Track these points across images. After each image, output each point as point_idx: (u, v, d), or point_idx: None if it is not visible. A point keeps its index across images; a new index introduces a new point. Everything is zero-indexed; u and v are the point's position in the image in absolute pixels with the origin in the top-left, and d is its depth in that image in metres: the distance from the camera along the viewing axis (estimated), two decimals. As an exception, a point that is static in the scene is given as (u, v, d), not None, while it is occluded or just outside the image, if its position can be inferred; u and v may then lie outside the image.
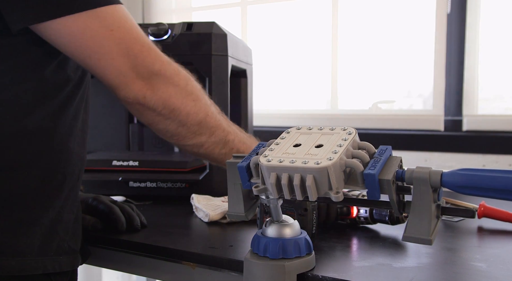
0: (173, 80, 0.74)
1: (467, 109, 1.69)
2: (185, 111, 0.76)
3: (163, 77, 0.73)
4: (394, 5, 1.82)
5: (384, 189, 0.55)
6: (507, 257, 0.72)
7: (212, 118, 0.80)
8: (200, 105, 0.77)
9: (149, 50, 0.72)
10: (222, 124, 0.82)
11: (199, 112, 0.77)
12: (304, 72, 1.99)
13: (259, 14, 2.06)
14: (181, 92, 0.75)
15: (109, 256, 0.86)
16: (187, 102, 0.76)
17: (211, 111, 0.80)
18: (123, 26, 0.69)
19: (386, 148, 0.59)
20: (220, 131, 0.81)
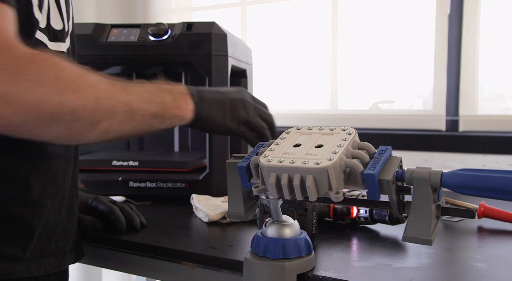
0: (38, 80, 0.55)
1: (463, 110, 1.69)
2: (67, 110, 0.57)
3: (23, 82, 0.54)
4: (394, 5, 1.82)
5: (384, 189, 0.55)
6: (507, 257, 0.72)
7: (106, 98, 0.62)
8: (82, 94, 0.59)
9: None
10: (120, 96, 0.64)
11: (87, 101, 0.59)
12: (304, 72, 1.99)
13: (259, 14, 2.06)
14: (54, 90, 0.56)
15: (109, 256, 0.86)
16: (65, 99, 0.57)
17: (100, 90, 0.62)
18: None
19: (386, 148, 0.59)
20: (121, 106, 0.64)
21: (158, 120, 0.69)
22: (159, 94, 0.69)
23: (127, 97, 0.65)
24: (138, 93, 0.67)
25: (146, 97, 0.67)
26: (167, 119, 0.69)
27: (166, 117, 0.69)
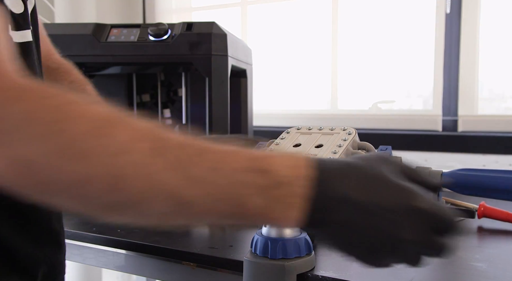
0: (24, 130, 0.36)
1: (463, 110, 1.69)
2: (68, 181, 0.37)
3: (4, 133, 0.36)
4: (394, 5, 1.82)
5: None
6: (507, 257, 0.72)
7: (134, 177, 0.37)
8: (91, 163, 0.37)
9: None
10: (164, 178, 0.38)
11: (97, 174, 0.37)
12: (304, 72, 1.99)
13: (259, 14, 2.06)
14: (47, 149, 0.36)
15: (109, 256, 0.86)
16: (64, 166, 0.36)
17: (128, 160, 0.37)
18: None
19: (386, 148, 0.59)
20: (160, 194, 0.39)
21: (231, 221, 0.43)
22: (239, 188, 0.40)
23: (173, 183, 0.38)
24: (197, 179, 0.39)
25: (212, 189, 0.39)
26: (247, 221, 0.43)
27: (244, 220, 0.43)
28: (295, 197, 0.40)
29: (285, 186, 0.40)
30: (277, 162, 0.41)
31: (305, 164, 0.42)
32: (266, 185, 0.40)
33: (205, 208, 0.40)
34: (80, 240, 0.87)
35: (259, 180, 0.40)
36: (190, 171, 0.38)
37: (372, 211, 0.42)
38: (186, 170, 0.38)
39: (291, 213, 0.41)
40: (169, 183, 0.38)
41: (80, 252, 0.87)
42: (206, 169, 0.39)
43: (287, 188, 0.40)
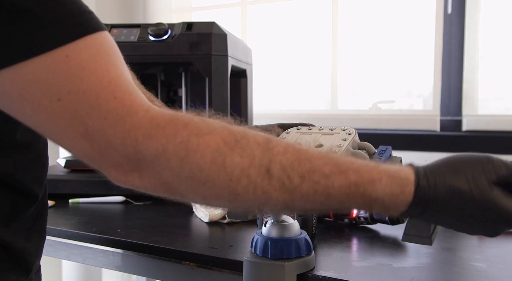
0: (160, 162, 0.46)
1: (464, 110, 1.69)
2: (199, 196, 0.49)
3: (144, 161, 0.47)
4: (394, 5, 1.82)
5: None
6: (507, 257, 0.72)
7: (248, 194, 0.47)
8: (216, 188, 0.47)
9: (115, 122, 0.45)
10: (287, 202, 0.48)
11: (221, 195, 0.47)
12: (304, 72, 1.99)
13: (259, 14, 2.06)
14: (180, 178, 0.47)
15: (109, 256, 0.86)
16: (194, 188, 0.47)
17: (240, 185, 0.47)
18: (78, 86, 0.45)
19: (386, 148, 0.60)
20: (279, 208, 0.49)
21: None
22: (345, 204, 0.49)
23: (284, 199, 0.47)
24: (305, 196, 0.47)
25: (319, 202, 0.48)
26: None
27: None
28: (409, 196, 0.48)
29: (383, 203, 0.48)
30: (379, 190, 0.47)
31: (408, 191, 0.48)
32: (368, 205, 0.48)
33: (314, 210, 0.52)
34: (80, 240, 0.87)
35: (362, 202, 0.48)
36: (299, 191, 0.47)
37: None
38: (295, 190, 0.47)
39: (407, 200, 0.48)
40: (282, 199, 0.47)
41: (80, 252, 0.87)
42: (313, 191, 0.47)
43: (386, 205, 0.48)
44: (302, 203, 0.47)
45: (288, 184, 0.46)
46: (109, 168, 0.48)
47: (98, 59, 0.46)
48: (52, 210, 1.04)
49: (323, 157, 0.48)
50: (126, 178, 0.48)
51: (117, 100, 0.46)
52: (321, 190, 0.47)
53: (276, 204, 0.47)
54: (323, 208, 0.49)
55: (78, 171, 1.18)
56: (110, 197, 1.10)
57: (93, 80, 0.45)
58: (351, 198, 0.47)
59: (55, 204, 1.07)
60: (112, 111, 0.45)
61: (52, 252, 0.90)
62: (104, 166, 0.48)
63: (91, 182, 1.13)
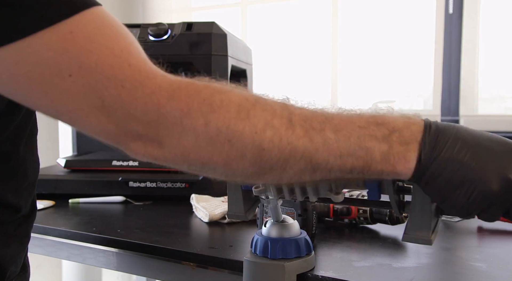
0: (183, 124, 0.45)
1: (464, 110, 1.69)
2: (220, 162, 0.47)
3: (166, 126, 0.45)
4: (394, 5, 1.82)
5: (384, 189, 0.55)
6: (507, 257, 0.72)
7: (273, 149, 0.46)
8: (241, 144, 0.45)
9: (134, 88, 0.44)
10: (297, 145, 0.47)
11: (246, 152, 0.46)
12: (304, 72, 1.99)
13: (259, 14, 2.06)
14: (203, 139, 0.45)
15: (109, 256, 0.86)
16: (219, 149, 0.46)
17: (266, 138, 0.46)
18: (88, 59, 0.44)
19: None
20: (295, 158, 0.47)
21: (354, 175, 0.49)
22: (365, 143, 0.47)
23: (309, 148, 0.46)
24: (328, 141, 0.47)
25: (341, 148, 0.47)
26: (369, 174, 0.49)
27: (368, 173, 0.48)
28: (408, 140, 0.47)
29: (401, 131, 0.47)
30: (392, 116, 0.49)
31: (415, 116, 0.49)
32: (386, 133, 0.47)
33: (336, 166, 0.47)
34: (80, 240, 0.87)
35: (380, 131, 0.47)
36: (322, 135, 0.47)
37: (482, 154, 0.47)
38: (318, 134, 0.47)
39: (409, 154, 0.47)
40: (306, 148, 0.46)
41: (80, 252, 0.87)
42: (335, 131, 0.47)
43: (403, 132, 0.47)
44: (326, 152, 0.46)
45: (310, 131, 0.47)
46: (127, 141, 0.47)
47: (104, 30, 0.45)
48: (52, 210, 1.04)
49: (336, 110, 0.51)
50: (146, 149, 0.46)
51: (132, 67, 0.45)
52: (342, 129, 0.47)
53: (301, 157, 0.46)
54: (345, 159, 0.47)
55: (78, 171, 1.19)
56: (110, 197, 1.10)
57: (103, 51, 0.44)
58: (372, 130, 0.47)
59: (55, 204, 1.07)
60: (129, 78, 0.44)
61: (52, 252, 0.90)
62: (122, 138, 0.47)
63: (91, 182, 1.13)
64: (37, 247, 0.91)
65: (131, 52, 0.46)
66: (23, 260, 0.67)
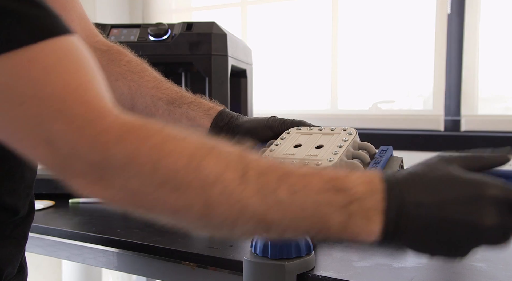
0: (129, 169, 0.43)
1: (464, 110, 1.69)
2: (167, 210, 0.45)
3: (111, 168, 0.43)
4: (394, 5, 1.82)
5: None
6: (507, 257, 0.72)
7: (223, 205, 0.43)
8: (189, 195, 0.43)
9: (82, 127, 0.42)
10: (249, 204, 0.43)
11: (193, 204, 0.43)
12: (304, 72, 1.99)
13: (259, 14, 2.06)
14: (149, 186, 0.43)
15: (109, 256, 0.86)
16: (165, 197, 0.43)
17: (217, 191, 0.43)
18: (42, 90, 0.42)
19: (387, 148, 0.59)
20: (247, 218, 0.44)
21: (310, 236, 0.48)
22: (322, 209, 0.44)
23: (260, 208, 0.43)
24: (281, 203, 0.43)
25: (295, 212, 0.43)
26: (326, 238, 0.46)
27: (325, 237, 0.46)
28: (373, 210, 0.43)
29: (362, 201, 0.43)
30: (353, 179, 0.44)
31: (377, 178, 0.45)
32: (345, 202, 0.43)
33: (289, 227, 0.44)
34: (80, 240, 0.87)
35: (338, 198, 0.43)
36: (276, 196, 0.43)
37: (448, 209, 0.44)
38: (272, 194, 0.43)
39: (371, 226, 0.44)
40: (257, 208, 0.43)
41: (80, 252, 0.87)
42: (290, 192, 0.43)
43: (365, 202, 0.43)
44: (278, 214, 0.43)
45: (264, 189, 0.43)
46: (72, 177, 0.45)
47: (66, 63, 0.44)
48: (52, 210, 1.04)
49: (296, 164, 0.46)
50: (91, 188, 0.44)
51: (85, 105, 0.43)
52: (298, 191, 0.43)
53: (251, 216, 0.43)
54: (299, 222, 0.44)
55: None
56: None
57: (59, 84, 0.42)
58: (330, 197, 0.43)
59: (55, 204, 1.07)
60: (80, 115, 0.42)
61: (52, 252, 0.90)
62: (67, 174, 0.45)
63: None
64: (37, 247, 0.91)
65: (88, 89, 0.44)
66: (20, 261, 0.67)
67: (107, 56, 0.78)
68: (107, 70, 0.75)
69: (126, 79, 0.76)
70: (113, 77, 0.76)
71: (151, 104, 0.74)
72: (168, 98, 0.74)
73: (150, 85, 0.75)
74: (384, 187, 0.44)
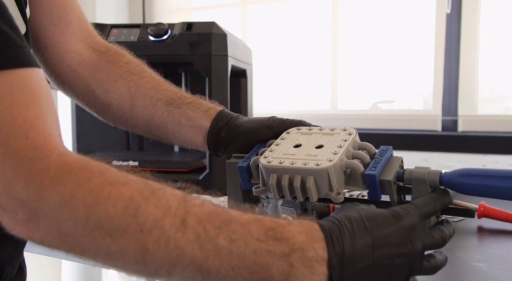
0: (62, 211, 0.41)
1: (463, 110, 1.69)
2: (100, 254, 0.43)
3: (44, 209, 0.42)
4: (394, 5, 1.82)
5: (385, 190, 0.55)
6: (507, 257, 0.72)
7: (159, 252, 0.42)
8: (124, 240, 0.42)
9: (20, 164, 0.41)
10: (187, 252, 0.43)
11: (128, 249, 0.42)
12: (304, 72, 1.99)
13: (259, 14, 2.06)
14: (83, 229, 0.42)
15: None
16: (98, 241, 0.42)
17: (154, 238, 0.42)
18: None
19: (387, 148, 0.59)
20: (184, 267, 0.43)
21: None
22: (262, 258, 0.43)
23: (198, 255, 0.43)
24: (221, 251, 0.43)
25: (234, 260, 0.43)
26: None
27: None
28: (315, 261, 0.44)
29: (303, 251, 0.44)
30: (292, 229, 0.45)
31: (315, 226, 0.46)
32: (287, 251, 0.44)
33: (228, 276, 0.43)
34: (80, 240, 0.87)
35: (279, 248, 0.44)
36: (215, 243, 0.43)
37: (382, 246, 0.46)
38: (211, 242, 0.43)
39: (315, 277, 0.44)
40: (196, 255, 0.42)
41: (80, 252, 0.87)
42: (229, 240, 0.43)
43: (305, 252, 0.44)
44: (217, 262, 0.43)
45: (203, 236, 0.42)
46: (1, 214, 0.43)
47: (17, 96, 0.42)
48: (52, 210, 1.03)
49: (240, 210, 0.46)
50: (20, 228, 0.43)
51: (28, 141, 0.41)
52: (238, 239, 0.43)
53: (189, 263, 0.42)
54: (239, 271, 0.43)
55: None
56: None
57: (5, 117, 0.41)
58: (270, 246, 0.44)
59: (55, 204, 1.06)
60: (20, 152, 0.41)
61: (52, 252, 0.90)
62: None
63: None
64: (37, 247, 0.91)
65: (35, 125, 0.42)
66: (19, 261, 0.67)
67: (105, 57, 0.78)
68: (105, 72, 0.76)
69: (125, 80, 0.75)
70: (112, 78, 0.76)
71: (150, 105, 0.74)
72: (168, 99, 0.74)
73: (149, 86, 0.75)
74: (324, 236, 0.45)
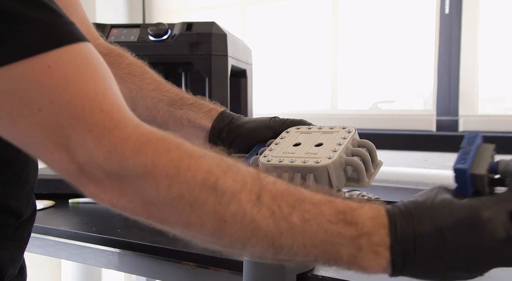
0: (145, 180, 0.43)
1: (464, 110, 1.69)
2: (179, 223, 0.45)
3: (127, 178, 0.44)
4: (394, 5, 1.82)
5: (477, 184, 0.48)
6: (507, 256, 0.72)
7: (236, 225, 0.44)
8: (203, 212, 0.44)
9: (100, 135, 0.43)
10: (262, 226, 0.44)
11: (207, 220, 0.44)
12: (304, 72, 1.99)
13: (259, 14, 2.06)
14: (164, 198, 0.44)
15: (109, 256, 0.86)
16: (179, 211, 0.44)
17: (232, 212, 0.44)
18: (61, 97, 0.42)
19: (475, 135, 0.53)
20: (257, 239, 0.45)
21: (319, 263, 0.49)
22: (332, 239, 0.44)
23: (272, 231, 0.44)
24: (294, 229, 0.44)
25: (306, 238, 0.44)
26: (335, 266, 0.47)
27: (334, 265, 0.46)
28: (380, 246, 0.44)
29: (370, 236, 0.44)
30: (362, 213, 0.45)
31: (383, 212, 0.46)
32: (355, 235, 0.44)
33: (300, 253, 0.45)
34: (80, 240, 0.87)
35: (349, 231, 0.44)
36: (289, 221, 0.44)
37: (448, 236, 0.44)
38: (285, 219, 0.44)
39: (379, 261, 0.44)
40: (270, 230, 0.44)
41: (80, 252, 0.87)
42: (302, 219, 0.44)
43: (372, 237, 0.44)
44: (289, 239, 0.44)
45: (278, 213, 0.44)
46: (87, 183, 0.45)
47: (84, 70, 0.44)
48: (52, 210, 1.04)
49: (311, 190, 0.47)
50: (105, 195, 0.45)
51: (104, 113, 0.43)
52: (311, 219, 0.44)
53: (263, 238, 0.44)
54: (309, 249, 0.45)
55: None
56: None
57: (78, 92, 0.43)
58: (341, 228, 0.44)
59: (55, 204, 1.07)
60: (98, 124, 0.43)
61: (52, 252, 0.90)
62: (83, 181, 0.45)
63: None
64: (37, 247, 0.91)
65: (106, 97, 0.44)
66: (21, 262, 0.68)
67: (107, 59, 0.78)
68: None
69: (126, 82, 0.76)
70: None
71: (152, 106, 0.74)
72: (169, 100, 0.74)
73: (150, 88, 0.76)
74: (388, 222, 0.45)
